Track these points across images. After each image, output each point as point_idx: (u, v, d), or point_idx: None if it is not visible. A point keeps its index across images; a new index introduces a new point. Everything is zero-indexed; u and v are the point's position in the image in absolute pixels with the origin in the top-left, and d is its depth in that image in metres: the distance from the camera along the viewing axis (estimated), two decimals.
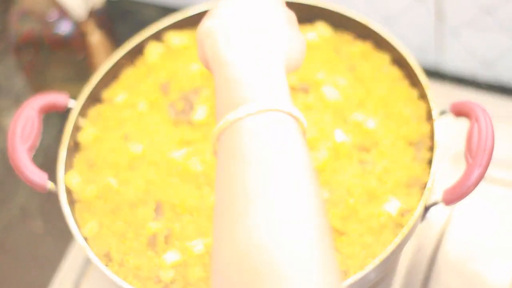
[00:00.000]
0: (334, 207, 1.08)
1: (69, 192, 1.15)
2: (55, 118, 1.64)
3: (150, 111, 1.21)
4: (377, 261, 1.02)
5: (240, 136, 0.81)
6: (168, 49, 1.28)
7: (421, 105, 1.16)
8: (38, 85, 1.62)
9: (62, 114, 1.28)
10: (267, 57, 0.86)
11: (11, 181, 1.59)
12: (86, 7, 1.53)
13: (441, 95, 1.31)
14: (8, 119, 1.69)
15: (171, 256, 1.07)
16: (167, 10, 1.60)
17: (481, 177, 1.03)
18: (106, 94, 1.25)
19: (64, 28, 1.53)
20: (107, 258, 1.11)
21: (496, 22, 1.40)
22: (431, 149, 1.12)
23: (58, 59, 1.57)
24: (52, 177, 1.13)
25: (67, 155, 1.17)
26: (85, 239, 1.12)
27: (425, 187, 1.09)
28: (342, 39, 1.25)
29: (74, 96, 1.22)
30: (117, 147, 1.18)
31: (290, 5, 1.28)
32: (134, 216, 1.12)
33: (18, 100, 1.71)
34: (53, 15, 1.53)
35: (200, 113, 1.17)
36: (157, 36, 1.28)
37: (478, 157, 1.03)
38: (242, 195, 0.77)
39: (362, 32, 1.24)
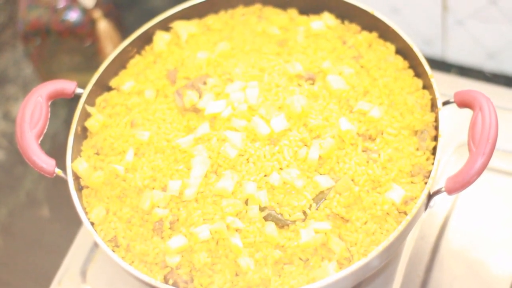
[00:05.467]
0: (339, 194, 1.09)
1: (76, 178, 1.16)
2: (62, 105, 1.65)
3: (157, 99, 1.22)
4: (380, 248, 1.03)
5: None
6: (175, 38, 1.28)
7: (426, 94, 1.17)
8: (45, 73, 1.63)
9: (69, 101, 1.29)
10: None
11: (19, 167, 1.60)
12: None
13: (446, 85, 1.32)
14: (16, 106, 1.69)
15: (176, 241, 1.08)
16: None
17: (484, 166, 1.02)
18: (113, 81, 1.25)
19: (72, 16, 1.54)
20: (114, 243, 1.12)
21: (501, 13, 1.40)
22: (436, 138, 1.13)
23: (65, 47, 1.58)
24: (59, 163, 1.14)
25: (74, 142, 1.17)
26: (92, 224, 1.13)
27: (429, 175, 1.09)
28: (348, 28, 1.26)
29: (82, 84, 1.22)
30: (124, 134, 1.19)
31: None
32: (140, 202, 1.12)
33: (25, 88, 1.72)
34: (61, 2, 1.53)
35: (206, 101, 1.18)
36: (164, 25, 1.28)
37: (481, 146, 1.02)
38: None
39: (368, 22, 1.24)
